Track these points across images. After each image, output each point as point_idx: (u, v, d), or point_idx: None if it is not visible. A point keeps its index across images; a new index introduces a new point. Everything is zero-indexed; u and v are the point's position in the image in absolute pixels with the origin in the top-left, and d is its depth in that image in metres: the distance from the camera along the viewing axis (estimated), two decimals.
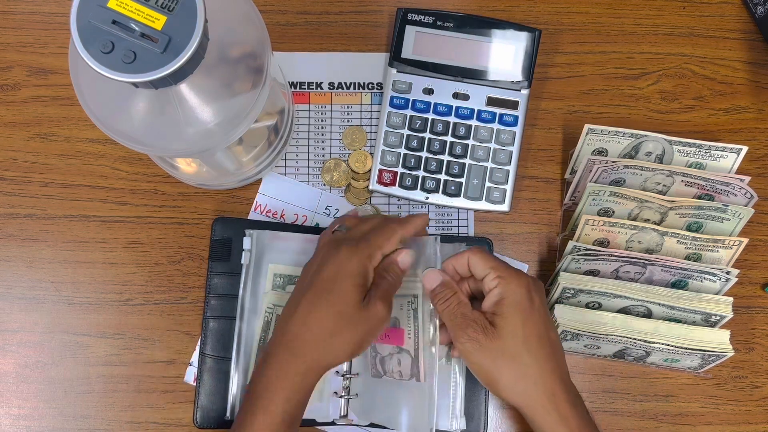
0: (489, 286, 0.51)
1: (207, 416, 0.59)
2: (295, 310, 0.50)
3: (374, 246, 0.51)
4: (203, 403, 0.59)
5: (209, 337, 0.60)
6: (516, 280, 0.51)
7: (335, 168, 0.64)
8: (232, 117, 0.48)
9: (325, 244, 0.54)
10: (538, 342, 0.50)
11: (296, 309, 0.50)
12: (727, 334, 0.57)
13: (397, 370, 0.56)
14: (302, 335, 0.49)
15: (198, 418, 0.59)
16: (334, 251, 0.51)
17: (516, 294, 0.50)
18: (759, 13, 0.66)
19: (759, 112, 0.66)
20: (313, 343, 0.49)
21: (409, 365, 0.55)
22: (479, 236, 0.63)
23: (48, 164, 0.64)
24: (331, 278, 0.50)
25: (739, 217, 0.58)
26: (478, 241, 0.62)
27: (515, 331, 0.50)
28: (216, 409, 0.59)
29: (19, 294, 0.62)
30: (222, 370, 0.59)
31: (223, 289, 0.60)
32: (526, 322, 0.50)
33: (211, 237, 0.61)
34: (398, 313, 0.56)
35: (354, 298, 0.49)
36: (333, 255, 0.51)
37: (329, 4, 0.67)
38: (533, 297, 0.51)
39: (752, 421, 0.62)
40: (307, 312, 0.50)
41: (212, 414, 0.59)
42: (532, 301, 0.51)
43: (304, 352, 0.49)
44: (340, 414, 0.58)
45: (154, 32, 0.41)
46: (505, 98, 0.63)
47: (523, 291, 0.51)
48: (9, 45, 0.65)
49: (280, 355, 0.50)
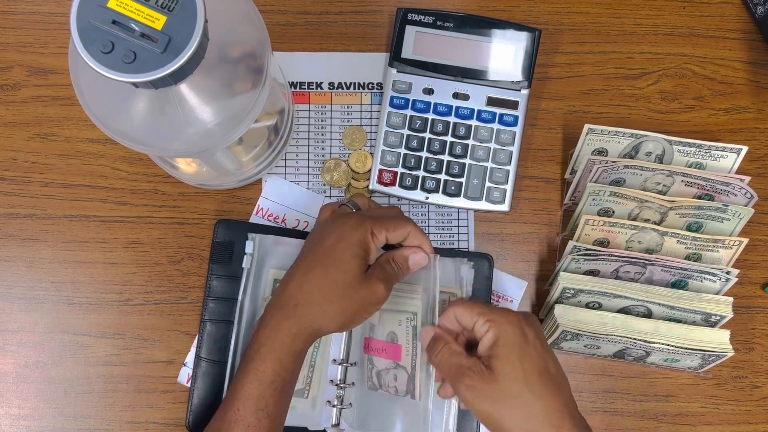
0: (480, 332, 0.50)
1: (200, 420, 0.58)
2: (293, 274, 0.51)
3: (381, 225, 0.51)
4: (196, 406, 0.58)
5: (205, 340, 0.59)
6: (506, 319, 0.49)
7: (335, 168, 0.64)
8: (232, 117, 0.48)
9: (331, 214, 0.54)
10: (538, 378, 0.48)
11: (294, 272, 0.51)
12: (727, 334, 0.57)
13: (393, 385, 0.56)
14: (296, 297, 0.50)
15: (191, 421, 0.58)
16: (340, 220, 0.52)
17: (508, 333, 0.49)
18: (759, 13, 0.66)
19: (759, 112, 0.66)
20: (306, 305, 0.50)
21: (405, 382, 0.55)
22: (480, 252, 0.62)
23: (48, 164, 0.64)
24: (332, 245, 0.50)
25: (739, 217, 0.58)
26: (478, 256, 0.61)
27: (514, 371, 0.47)
28: (209, 413, 0.57)
29: (19, 294, 0.62)
30: (217, 374, 0.59)
31: (222, 292, 0.60)
32: (523, 360, 0.48)
33: (212, 239, 0.61)
34: (397, 328, 0.56)
35: (353, 269, 0.50)
36: (339, 224, 0.51)
37: (329, 4, 0.67)
38: (527, 332, 0.49)
39: (752, 421, 0.62)
40: (304, 276, 0.50)
41: (205, 418, 0.58)
42: (525, 336, 0.49)
43: (297, 313, 0.50)
44: (332, 423, 0.58)
45: (154, 32, 0.41)
46: (505, 98, 0.63)
47: (515, 329, 0.49)
48: (9, 45, 0.65)
49: (273, 316, 0.50)
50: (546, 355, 0.49)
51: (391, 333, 0.56)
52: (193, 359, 0.60)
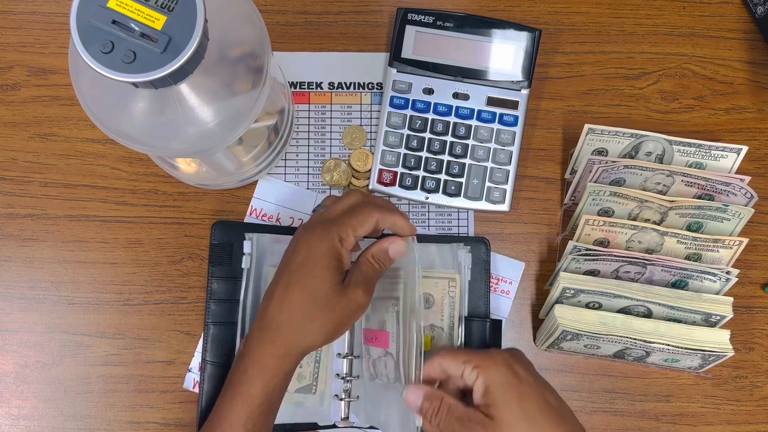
0: (470, 380, 0.49)
1: None
2: (272, 295, 0.50)
3: (347, 227, 0.49)
4: (205, 410, 0.58)
5: (210, 344, 0.59)
6: (493, 362, 0.49)
7: (335, 168, 0.64)
8: (232, 117, 0.48)
9: (300, 227, 0.53)
10: (540, 414, 0.47)
11: (273, 294, 0.50)
12: (727, 334, 0.57)
13: (385, 373, 0.56)
14: (278, 319, 0.49)
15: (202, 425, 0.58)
16: (307, 234, 0.51)
17: (499, 376, 0.48)
18: (759, 13, 0.66)
19: (759, 112, 0.66)
20: (289, 326, 0.49)
21: (393, 368, 0.55)
22: (476, 236, 0.63)
23: (48, 164, 0.64)
24: (303, 262, 0.49)
25: (739, 217, 0.58)
26: (474, 240, 0.62)
27: (514, 414, 0.47)
28: None
29: (19, 294, 0.62)
30: (224, 376, 0.58)
31: (224, 294, 0.60)
32: (521, 400, 0.47)
33: (210, 241, 0.61)
34: (385, 315, 0.56)
35: (328, 282, 0.49)
36: (305, 238, 0.50)
37: (329, 4, 0.67)
38: (517, 371, 0.49)
39: (752, 421, 0.62)
40: (283, 296, 0.49)
41: None
42: (517, 375, 0.48)
43: (281, 336, 0.49)
44: (341, 416, 0.58)
45: (154, 32, 0.41)
46: (505, 98, 0.63)
47: (504, 370, 0.48)
48: (9, 45, 0.65)
49: (257, 339, 0.50)
50: (542, 389, 0.49)
51: (381, 321, 0.56)
52: (197, 364, 0.60)
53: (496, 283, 0.63)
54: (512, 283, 0.63)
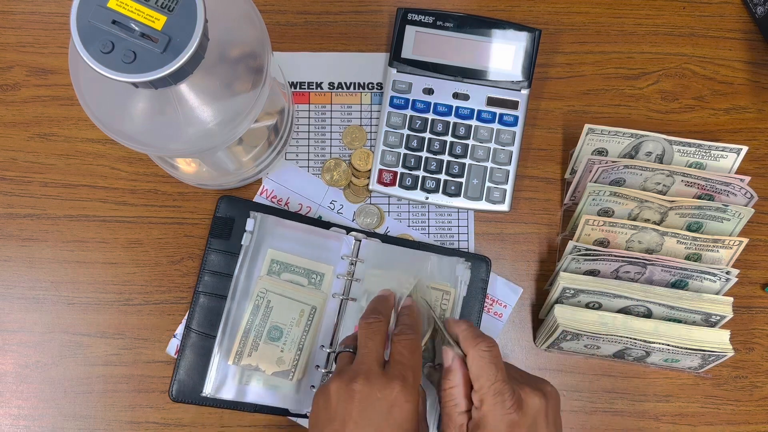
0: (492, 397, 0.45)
1: (183, 390, 0.59)
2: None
3: (415, 376, 0.43)
4: (181, 377, 0.59)
5: (197, 312, 0.60)
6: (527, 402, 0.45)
7: (335, 168, 0.64)
8: (232, 117, 0.48)
9: (339, 392, 0.43)
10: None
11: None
12: (727, 334, 0.57)
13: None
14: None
15: (174, 391, 0.59)
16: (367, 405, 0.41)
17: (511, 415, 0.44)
18: (759, 13, 0.66)
19: (759, 112, 0.66)
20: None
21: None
22: (477, 254, 0.62)
23: (48, 164, 0.64)
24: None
25: (739, 217, 0.58)
26: (476, 258, 0.61)
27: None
28: (193, 384, 0.59)
29: (19, 294, 0.62)
30: (205, 346, 0.59)
31: (218, 267, 0.60)
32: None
33: (214, 213, 0.61)
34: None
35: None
36: (362, 410, 0.41)
37: (329, 4, 0.67)
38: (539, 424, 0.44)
39: (752, 421, 0.62)
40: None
41: (188, 389, 0.59)
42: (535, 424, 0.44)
43: None
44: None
45: (154, 32, 0.41)
46: (505, 98, 0.63)
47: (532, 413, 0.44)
48: (9, 45, 0.65)
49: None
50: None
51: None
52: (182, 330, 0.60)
53: (491, 304, 0.63)
54: (507, 306, 0.63)
